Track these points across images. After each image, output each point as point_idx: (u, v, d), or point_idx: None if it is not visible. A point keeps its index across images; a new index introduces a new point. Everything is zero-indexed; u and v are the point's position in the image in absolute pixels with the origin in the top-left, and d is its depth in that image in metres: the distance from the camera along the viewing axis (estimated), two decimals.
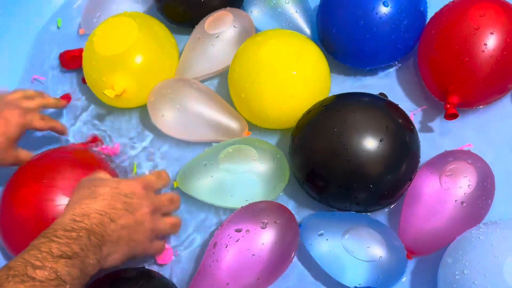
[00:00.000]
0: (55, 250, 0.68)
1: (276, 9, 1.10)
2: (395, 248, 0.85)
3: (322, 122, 0.90)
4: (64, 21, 1.28)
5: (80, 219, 0.74)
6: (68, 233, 0.71)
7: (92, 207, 0.77)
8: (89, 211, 0.76)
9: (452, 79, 0.94)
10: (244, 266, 0.83)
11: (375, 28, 0.97)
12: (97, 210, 0.77)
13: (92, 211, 0.76)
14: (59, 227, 0.72)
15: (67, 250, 0.69)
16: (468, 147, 0.97)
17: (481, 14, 0.92)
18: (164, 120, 1.03)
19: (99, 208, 0.78)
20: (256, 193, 0.95)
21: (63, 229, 0.71)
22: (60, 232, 0.71)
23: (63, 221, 0.74)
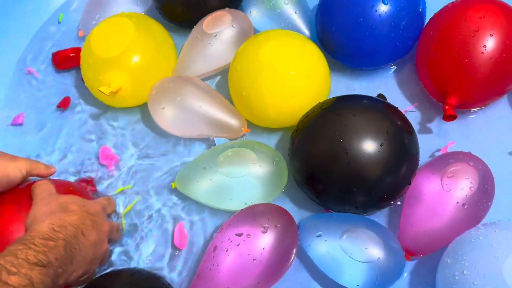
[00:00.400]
0: (32, 257, 0.68)
1: (275, 9, 1.09)
2: (393, 249, 0.85)
3: (322, 125, 0.90)
4: (63, 21, 1.28)
5: (58, 229, 0.75)
6: (45, 241, 0.72)
7: (66, 220, 0.78)
8: (65, 223, 0.77)
9: (451, 81, 0.94)
10: (244, 270, 0.83)
11: (374, 25, 0.97)
12: (72, 223, 0.78)
13: (67, 223, 0.78)
14: (37, 235, 0.72)
15: (43, 258, 0.69)
16: (451, 145, 0.98)
17: (481, 16, 0.91)
18: (164, 115, 1.03)
19: (73, 222, 0.79)
20: (255, 196, 0.95)
21: (41, 237, 0.72)
22: (38, 240, 0.71)
23: (41, 229, 0.74)
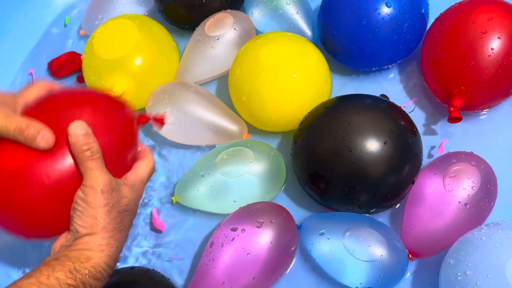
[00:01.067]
0: None
1: (277, 10, 1.09)
2: (396, 248, 0.84)
3: (325, 124, 0.89)
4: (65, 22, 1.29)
5: (108, 267, 0.69)
6: (95, 282, 0.67)
7: (119, 247, 0.72)
8: (117, 255, 0.72)
9: (457, 82, 0.93)
10: (240, 265, 0.83)
11: (377, 28, 0.96)
12: (119, 250, 0.72)
13: (118, 254, 0.72)
14: (91, 273, 0.66)
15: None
16: (445, 142, 0.98)
17: (488, 18, 0.91)
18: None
19: (120, 246, 0.73)
20: (257, 193, 0.95)
21: (93, 277, 0.66)
22: (90, 281, 0.66)
23: (97, 262, 0.67)
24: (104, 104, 0.75)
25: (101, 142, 0.70)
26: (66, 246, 0.68)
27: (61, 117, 0.70)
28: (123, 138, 0.74)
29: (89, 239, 0.67)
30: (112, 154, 0.72)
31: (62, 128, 0.68)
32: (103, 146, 0.70)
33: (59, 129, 0.68)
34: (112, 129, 0.73)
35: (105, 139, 0.71)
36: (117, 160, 0.73)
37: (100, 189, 0.67)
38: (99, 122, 0.71)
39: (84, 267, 0.65)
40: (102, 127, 0.71)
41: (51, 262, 0.64)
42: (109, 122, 0.73)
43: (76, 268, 0.64)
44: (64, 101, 0.74)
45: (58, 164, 0.68)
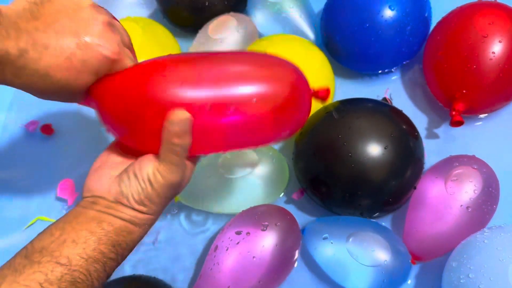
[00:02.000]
0: (111, 272, 0.64)
1: (280, 13, 1.09)
2: (399, 252, 0.84)
3: (326, 128, 0.89)
4: None
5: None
6: (128, 254, 0.67)
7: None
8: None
9: (459, 86, 0.93)
10: (245, 269, 0.83)
11: (380, 31, 0.96)
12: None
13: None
14: (128, 247, 0.66)
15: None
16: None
17: (489, 22, 0.91)
18: None
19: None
20: (259, 195, 0.95)
21: (129, 250, 0.67)
22: (125, 254, 0.66)
23: (135, 238, 0.67)
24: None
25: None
26: (109, 203, 0.65)
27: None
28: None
29: (136, 214, 0.65)
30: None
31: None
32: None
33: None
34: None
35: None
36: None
37: (171, 183, 0.65)
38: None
39: (125, 241, 0.64)
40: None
41: (94, 226, 0.62)
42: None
43: (119, 242, 0.63)
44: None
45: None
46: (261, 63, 0.68)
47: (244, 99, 0.64)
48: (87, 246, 0.60)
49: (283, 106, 0.66)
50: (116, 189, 0.65)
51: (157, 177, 0.64)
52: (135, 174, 0.65)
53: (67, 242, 0.59)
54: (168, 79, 0.63)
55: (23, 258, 0.57)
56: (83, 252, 0.59)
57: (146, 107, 0.63)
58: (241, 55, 0.71)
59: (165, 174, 0.64)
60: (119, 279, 0.91)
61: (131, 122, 0.65)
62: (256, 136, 0.68)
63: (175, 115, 0.61)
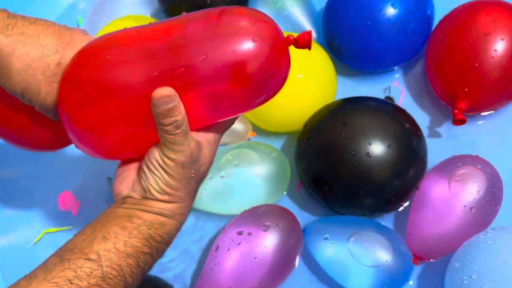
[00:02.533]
0: (147, 269, 0.63)
1: (282, 11, 1.09)
2: (401, 253, 0.84)
3: (329, 126, 0.89)
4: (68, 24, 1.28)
5: (180, 229, 0.69)
6: (165, 249, 0.66)
7: (189, 212, 0.69)
8: (185, 220, 0.69)
9: (461, 85, 0.93)
10: (247, 269, 0.83)
11: (383, 29, 0.96)
12: (188, 215, 0.70)
13: (185, 220, 0.69)
14: (164, 240, 0.65)
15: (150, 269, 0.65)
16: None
17: (491, 20, 0.91)
18: None
19: (190, 211, 0.70)
20: (260, 196, 0.95)
21: (166, 243, 0.66)
22: (163, 248, 0.65)
23: (172, 232, 0.66)
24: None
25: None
26: (136, 200, 0.65)
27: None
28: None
29: (164, 205, 0.64)
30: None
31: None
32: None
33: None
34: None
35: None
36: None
37: (182, 163, 0.63)
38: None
39: (158, 234, 0.63)
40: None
41: (124, 222, 0.61)
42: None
43: (152, 235, 0.62)
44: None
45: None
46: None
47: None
48: (118, 241, 0.59)
49: (262, 66, 0.60)
50: (139, 186, 0.65)
51: (166, 161, 0.63)
52: (147, 167, 0.64)
53: (97, 239, 0.59)
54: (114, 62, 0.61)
55: (55, 256, 0.57)
56: (113, 247, 0.58)
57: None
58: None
59: (171, 155, 0.63)
60: None
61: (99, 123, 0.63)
62: (238, 99, 0.63)
63: (157, 94, 0.59)
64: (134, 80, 0.60)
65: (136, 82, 0.60)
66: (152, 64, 0.60)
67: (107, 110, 0.62)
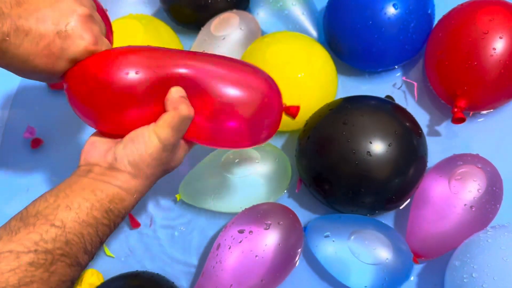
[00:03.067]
0: (105, 239, 0.68)
1: (283, 11, 1.09)
2: (401, 251, 0.84)
3: (329, 125, 0.89)
4: None
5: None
6: (120, 221, 0.70)
7: (145, 193, 0.74)
8: (140, 199, 0.74)
9: (460, 83, 0.93)
10: (248, 268, 0.83)
11: (384, 28, 0.96)
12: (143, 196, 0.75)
13: (140, 199, 0.74)
14: (121, 214, 0.70)
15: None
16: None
17: (490, 18, 0.91)
18: None
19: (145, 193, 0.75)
20: (261, 194, 0.95)
21: (121, 217, 0.70)
22: (118, 221, 0.70)
23: (127, 205, 0.70)
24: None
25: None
26: (102, 170, 0.69)
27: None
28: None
29: (128, 179, 0.69)
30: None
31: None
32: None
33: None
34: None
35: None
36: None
37: (165, 145, 0.69)
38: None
39: (117, 209, 0.68)
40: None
41: (88, 194, 0.65)
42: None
43: (111, 209, 0.66)
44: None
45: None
46: (236, 69, 0.74)
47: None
48: (81, 211, 0.63)
49: (255, 113, 0.73)
50: (112, 156, 0.69)
51: (153, 139, 0.68)
52: (131, 140, 0.69)
53: (61, 207, 0.62)
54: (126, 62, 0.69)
55: (18, 221, 0.61)
56: (77, 216, 0.62)
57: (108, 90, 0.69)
58: (217, 57, 0.75)
59: (161, 135, 0.68)
60: (123, 275, 0.91)
61: (98, 106, 0.70)
62: (229, 137, 0.74)
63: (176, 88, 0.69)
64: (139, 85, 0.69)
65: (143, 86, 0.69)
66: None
67: (107, 101, 0.69)
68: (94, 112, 0.71)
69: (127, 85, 0.68)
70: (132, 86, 0.68)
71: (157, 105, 0.70)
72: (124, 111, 0.70)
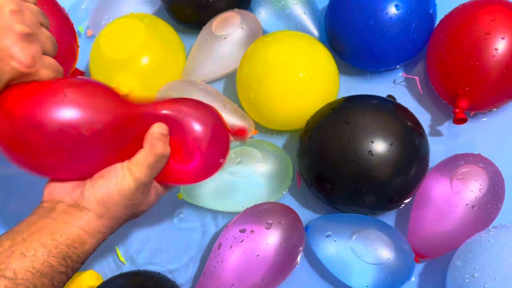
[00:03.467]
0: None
1: (284, 10, 1.09)
2: (402, 250, 0.84)
3: (331, 124, 0.89)
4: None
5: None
6: (79, 266, 0.66)
7: (107, 237, 0.70)
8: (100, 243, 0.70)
9: (462, 83, 0.93)
10: (249, 267, 0.83)
11: (385, 28, 0.96)
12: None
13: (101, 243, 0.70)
14: (80, 261, 0.65)
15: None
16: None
17: (492, 19, 0.91)
18: None
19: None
20: (263, 193, 0.95)
21: (80, 262, 0.66)
22: (77, 266, 0.65)
23: (88, 249, 0.66)
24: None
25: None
26: (66, 208, 0.65)
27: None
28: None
29: (93, 219, 0.65)
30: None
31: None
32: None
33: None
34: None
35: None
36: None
37: (137, 184, 0.66)
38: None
39: (76, 254, 0.63)
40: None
41: (46, 238, 0.61)
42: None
43: (70, 255, 0.62)
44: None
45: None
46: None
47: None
48: (36, 259, 0.59)
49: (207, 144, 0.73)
50: (78, 193, 0.66)
51: (126, 177, 0.65)
52: (101, 176, 0.66)
53: (15, 254, 0.58)
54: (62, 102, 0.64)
55: None
56: (31, 265, 0.58)
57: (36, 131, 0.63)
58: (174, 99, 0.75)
59: (136, 172, 0.65)
60: (124, 274, 0.91)
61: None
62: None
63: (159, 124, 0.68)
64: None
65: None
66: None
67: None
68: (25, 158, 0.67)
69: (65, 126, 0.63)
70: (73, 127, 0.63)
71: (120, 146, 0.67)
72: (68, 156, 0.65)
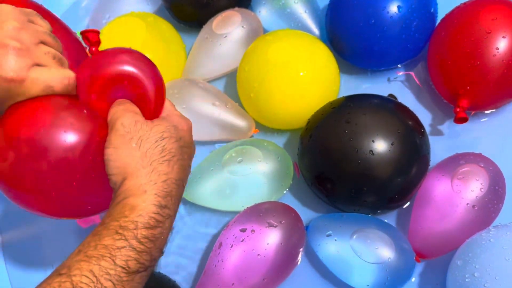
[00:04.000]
0: (133, 264, 0.55)
1: (285, 9, 1.09)
2: (403, 250, 0.84)
3: (332, 124, 0.89)
4: (71, 21, 1.28)
5: (165, 203, 0.60)
6: (152, 232, 0.57)
7: (171, 178, 0.62)
8: (171, 186, 0.61)
9: (463, 83, 0.93)
10: (249, 266, 0.83)
11: (386, 27, 0.96)
12: (177, 180, 0.62)
13: (173, 185, 0.61)
14: (141, 223, 0.57)
15: (146, 260, 0.57)
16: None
17: (493, 18, 0.90)
18: None
19: (178, 176, 0.63)
20: (263, 193, 0.95)
21: (147, 226, 0.57)
22: (143, 233, 0.56)
23: (146, 209, 0.58)
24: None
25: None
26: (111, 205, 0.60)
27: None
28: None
29: (126, 184, 0.59)
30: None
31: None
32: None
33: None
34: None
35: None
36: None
37: (122, 124, 0.63)
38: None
39: (130, 221, 0.56)
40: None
41: (97, 229, 0.57)
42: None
43: (122, 225, 0.56)
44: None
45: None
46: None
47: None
48: (88, 248, 0.55)
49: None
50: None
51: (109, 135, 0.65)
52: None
53: (72, 255, 0.56)
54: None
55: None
56: (84, 255, 0.55)
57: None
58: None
59: (114, 124, 0.64)
60: None
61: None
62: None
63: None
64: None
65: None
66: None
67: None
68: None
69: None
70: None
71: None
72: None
